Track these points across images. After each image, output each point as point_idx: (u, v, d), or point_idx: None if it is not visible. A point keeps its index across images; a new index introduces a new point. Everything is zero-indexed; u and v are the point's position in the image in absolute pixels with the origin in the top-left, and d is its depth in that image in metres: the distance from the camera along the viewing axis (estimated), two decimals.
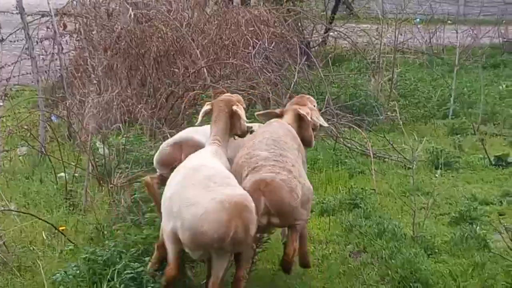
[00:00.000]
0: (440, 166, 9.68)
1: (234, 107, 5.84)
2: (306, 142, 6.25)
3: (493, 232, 7.27)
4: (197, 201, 5.02)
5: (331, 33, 17.34)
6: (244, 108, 5.95)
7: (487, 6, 24.74)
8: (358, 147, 10.39)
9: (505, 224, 7.43)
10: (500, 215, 8.01)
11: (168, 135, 8.22)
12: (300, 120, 6.27)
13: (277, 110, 6.47)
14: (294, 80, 11.59)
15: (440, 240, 7.03)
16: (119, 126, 9.27)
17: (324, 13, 17.42)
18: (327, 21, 17.22)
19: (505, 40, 19.21)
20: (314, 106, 6.51)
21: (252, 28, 11.74)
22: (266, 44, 11.62)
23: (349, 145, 10.42)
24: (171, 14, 11.46)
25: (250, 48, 11.68)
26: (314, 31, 17.30)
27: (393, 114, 12.03)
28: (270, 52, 12.00)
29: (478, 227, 7.08)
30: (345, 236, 7.32)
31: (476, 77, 15.31)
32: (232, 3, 18.40)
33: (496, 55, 18.47)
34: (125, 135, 8.24)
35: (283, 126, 6.09)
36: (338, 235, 7.37)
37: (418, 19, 21.46)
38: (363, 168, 9.61)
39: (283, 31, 12.41)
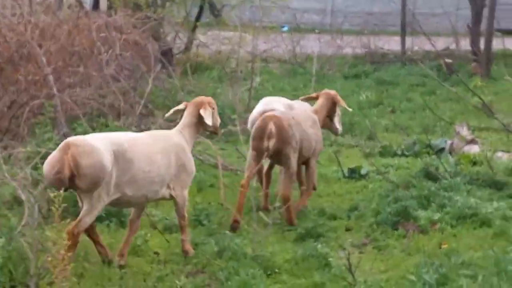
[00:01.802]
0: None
1: (201, 111, 6.93)
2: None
3: (337, 248, 7.08)
4: None
5: (194, 41, 17.05)
6: (213, 109, 7.04)
7: (352, 17, 25.03)
8: (210, 159, 10.07)
9: (350, 240, 7.29)
10: (347, 230, 7.85)
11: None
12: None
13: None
14: (148, 89, 11.23)
15: (282, 259, 6.76)
16: None
17: (187, 20, 17.03)
18: (189, 28, 16.87)
19: (367, 50, 19.37)
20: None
21: (103, 34, 11.26)
22: (118, 51, 11.17)
23: (201, 157, 10.08)
24: (16, 17, 10.85)
25: (103, 55, 11.24)
26: (177, 38, 16.98)
27: None
28: (124, 60, 11.58)
29: (320, 245, 6.86)
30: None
31: (337, 87, 15.29)
32: (98, 8, 17.89)
33: (358, 65, 18.60)
34: None
35: None
36: (178, 254, 7.01)
37: (286, 28, 21.48)
38: (214, 182, 9.29)
39: (137, 38, 11.96)
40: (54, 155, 6.16)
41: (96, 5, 18.52)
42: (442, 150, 10.67)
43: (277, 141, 7.72)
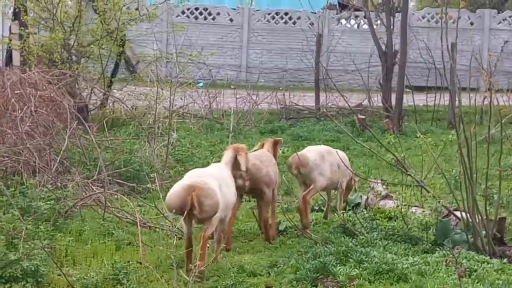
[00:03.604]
0: (211, 235, 9.47)
1: (238, 157, 8.74)
2: None
3: None
4: None
5: (110, 97, 17.00)
6: (246, 154, 8.84)
7: (268, 73, 25.41)
8: (128, 216, 9.98)
9: None
10: (267, 287, 7.87)
11: None
12: None
13: None
14: (64, 146, 11.12)
15: None
16: None
17: (102, 76, 16.96)
18: (105, 84, 16.82)
19: (282, 106, 19.65)
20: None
21: (18, 91, 11.14)
22: (33, 108, 11.05)
23: (119, 214, 10.00)
24: None
25: (18, 112, 11.10)
26: (92, 94, 16.90)
27: (168, 181, 11.80)
28: (39, 116, 11.46)
29: None
30: None
31: (253, 143, 15.42)
32: (11, 64, 17.70)
33: (274, 121, 18.82)
34: None
35: None
36: None
37: (201, 83, 21.64)
38: (132, 239, 9.21)
39: (52, 94, 11.86)
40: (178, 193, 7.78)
41: (9, 61, 18.35)
42: (358, 205, 10.85)
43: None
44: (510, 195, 8.84)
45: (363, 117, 17.91)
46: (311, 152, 10.04)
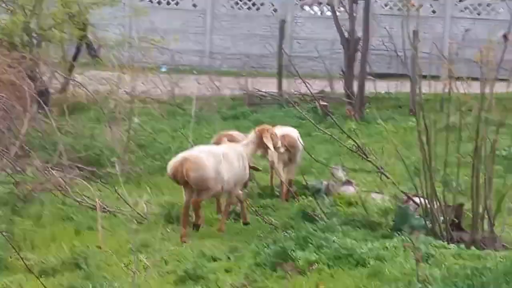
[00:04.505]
0: (172, 220, 9.51)
1: (264, 138, 9.54)
2: None
3: None
4: None
5: (72, 81, 16.86)
6: (272, 135, 9.63)
7: (231, 59, 25.37)
8: (88, 201, 9.93)
9: (229, 282, 7.33)
10: (227, 271, 7.89)
11: None
12: None
13: None
14: (24, 130, 11.03)
15: None
16: None
17: (64, 60, 16.81)
18: (66, 68, 16.67)
19: (245, 92, 19.64)
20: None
21: None
22: None
23: (79, 199, 9.94)
24: None
25: None
26: (54, 78, 16.73)
27: (129, 166, 11.78)
28: None
29: (200, 287, 6.87)
30: None
31: (216, 129, 15.41)
32: None
33: (237, 107, 18.81)
34: None
35: None
36: None
37: (164, 68, 21.53)
38: (92, 224, 9.16)
39: (12, 78, 11.73)
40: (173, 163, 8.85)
41: None
42: (318, 191, 10.91)
43: None
44: (468, 181, 8.93)
45: (325, 103, 17.96)
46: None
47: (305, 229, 8.56)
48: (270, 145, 9.55)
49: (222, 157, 9.04)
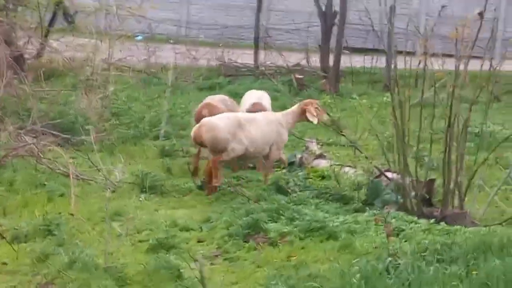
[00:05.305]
0: (145, 189, 9.53)
1: (307, 112, 10.07)
2: None
3: (189, 260, 7.13)
4: None
5: (48, 47, 16.73)
6: (316, 107, 10.12)
7: (208, 29, 25.25)
8: (61, 167, 9.90)
9: (201, 251, 7.38)
10: (199, 241, 7.94)
11: None
12: None
13: None
14: None
15: (134, 271, 6.77)
16: None
17: (40, 25, 16.66)
18: (42, 34, 16.53)
19: (221, 63, 19.59)
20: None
21: None
22: None
23: (52, 166, 9.91)
24: None
25: None
26: (29, 44, 16.61)
27: (103, 134, 11.74)
28: None
29: (172, 256, 6.92)
30: (35, 266, 6.85)
31: (191, 99, 15.40)
32: None
33: (213, 77, 18.77)
34: None
35: None
36: (27, 264, 6.89)
37: (140, 37, 21.41)
38: (65, 191, 9.15)
39: None
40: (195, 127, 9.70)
41: None
42: (292, 164, 10.95)
43: None
44: (440, 158, 9.01)
45: (301, 76, 17.97)
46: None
47: (278, 201, 8.63)
48: (314, 120, 10.07)
49: (242, 121, 9.62)
